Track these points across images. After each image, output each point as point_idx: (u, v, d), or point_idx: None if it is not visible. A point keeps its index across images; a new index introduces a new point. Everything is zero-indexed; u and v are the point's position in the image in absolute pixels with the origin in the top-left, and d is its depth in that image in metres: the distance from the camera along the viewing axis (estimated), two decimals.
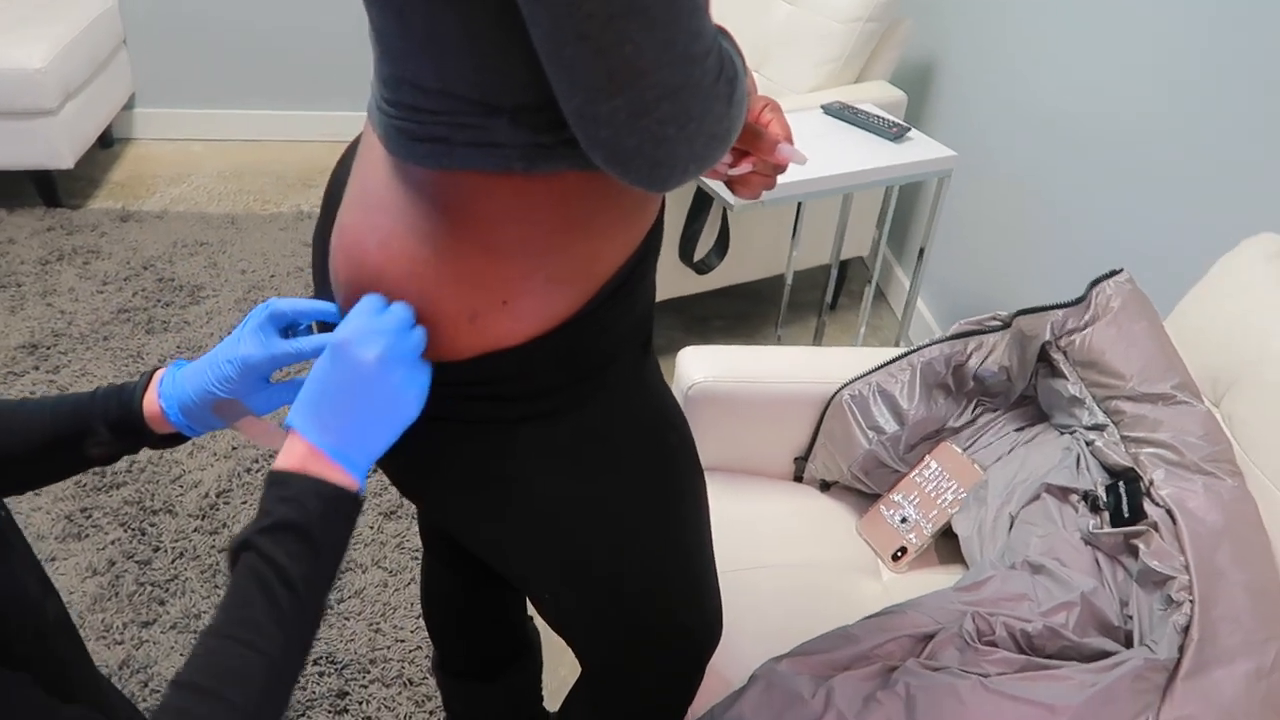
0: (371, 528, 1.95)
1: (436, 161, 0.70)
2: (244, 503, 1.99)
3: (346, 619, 1.77)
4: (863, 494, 1.45)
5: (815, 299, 2.77)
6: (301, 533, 0.65)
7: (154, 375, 0.82)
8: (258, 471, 2.07)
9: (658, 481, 0.91)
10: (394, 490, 2.03)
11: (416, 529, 1.95)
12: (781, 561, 1.32)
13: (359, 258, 0.77)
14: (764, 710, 0.94)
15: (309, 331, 0.84)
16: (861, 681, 0.95)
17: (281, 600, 0.64)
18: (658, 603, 0.98)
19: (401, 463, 0.87)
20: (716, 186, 1.87)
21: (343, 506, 0.69)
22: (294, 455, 0.68)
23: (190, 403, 0.79)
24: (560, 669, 1.62)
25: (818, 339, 2.47)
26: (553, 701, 1.48)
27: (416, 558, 1.89)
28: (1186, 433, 1.09)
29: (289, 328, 0.82)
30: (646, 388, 0.89)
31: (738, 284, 2.50)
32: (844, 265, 2.66)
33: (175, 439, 0.83)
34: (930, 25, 2.51)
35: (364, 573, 1.86)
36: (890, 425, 1.36)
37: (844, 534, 1.40)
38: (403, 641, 1.73)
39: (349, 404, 0.69)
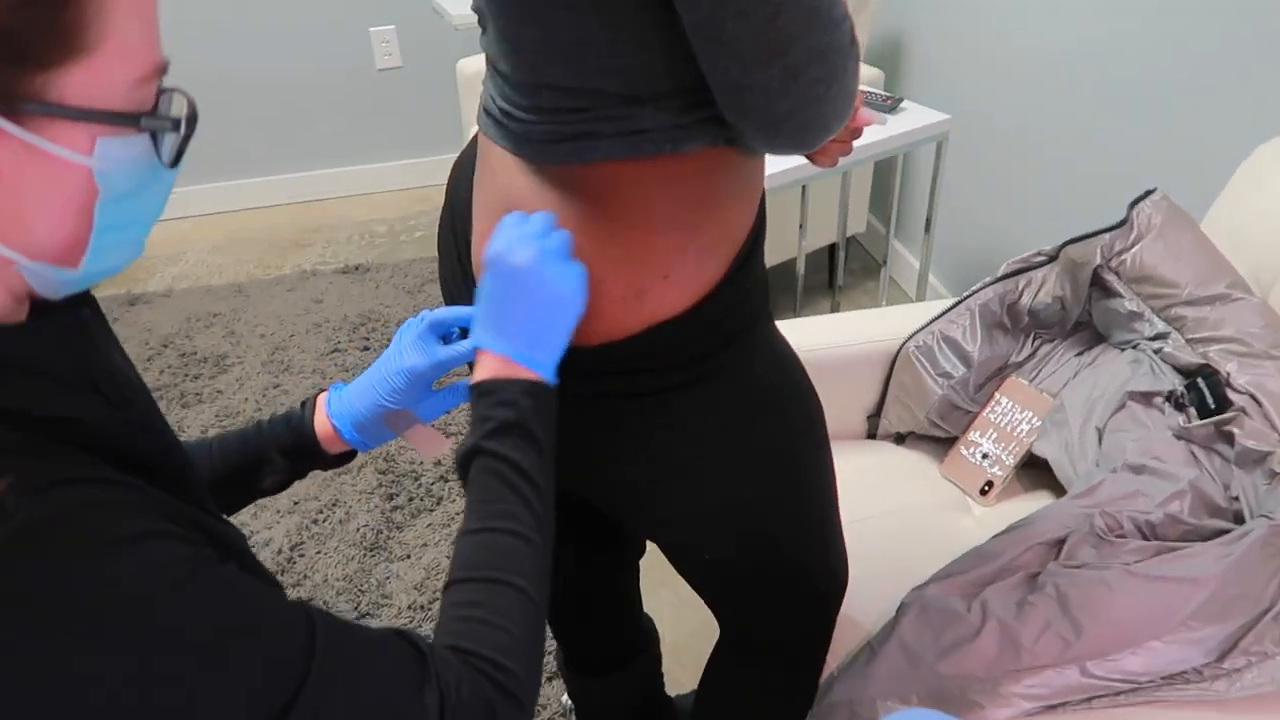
0: (449, 557, 1.98)
1: (582, 156, 0.76)
2: (318, 552, 2.02)
3: None
4: (937, 440, 1.52)
5: (819, 282, 2.86)
6: (523, 430, 0.71)
7: (316, 399, 0.86)
8: (324, 521, 2.10)
9: (801, 430, 0.97)
10: (460, 520, 2.07)
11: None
12: (878, 512, 1.39)
13: None
14: (924, 631, 1.01)
15: (460, 337, 0.89)
16: (1011, 590, 1.02)
17: (524, 490, 0.70)
18: (804, 544, 1.04)
19: (571, 447, 0.93)
20: None
21: (547, 401, 0.74)
22: (488, 368, 0.73)
23: (363, 418, 0.84)
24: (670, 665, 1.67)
25: None
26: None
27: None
28: (1248, 325, 1.18)
29: (444, 336, 0.87)
30: (780, 343, 0.96)
31: None
32: (838, 247, 2.75)
33: (344, 458, 0.87)
34: (892, 1, 2.62)
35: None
36: (958, 369, 1.43)
37: (929, 479, 1.48)
38: None
39: (518, 308, 0.75)
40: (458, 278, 0.91)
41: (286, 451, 0.85)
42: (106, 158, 0.51)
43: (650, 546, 1.31)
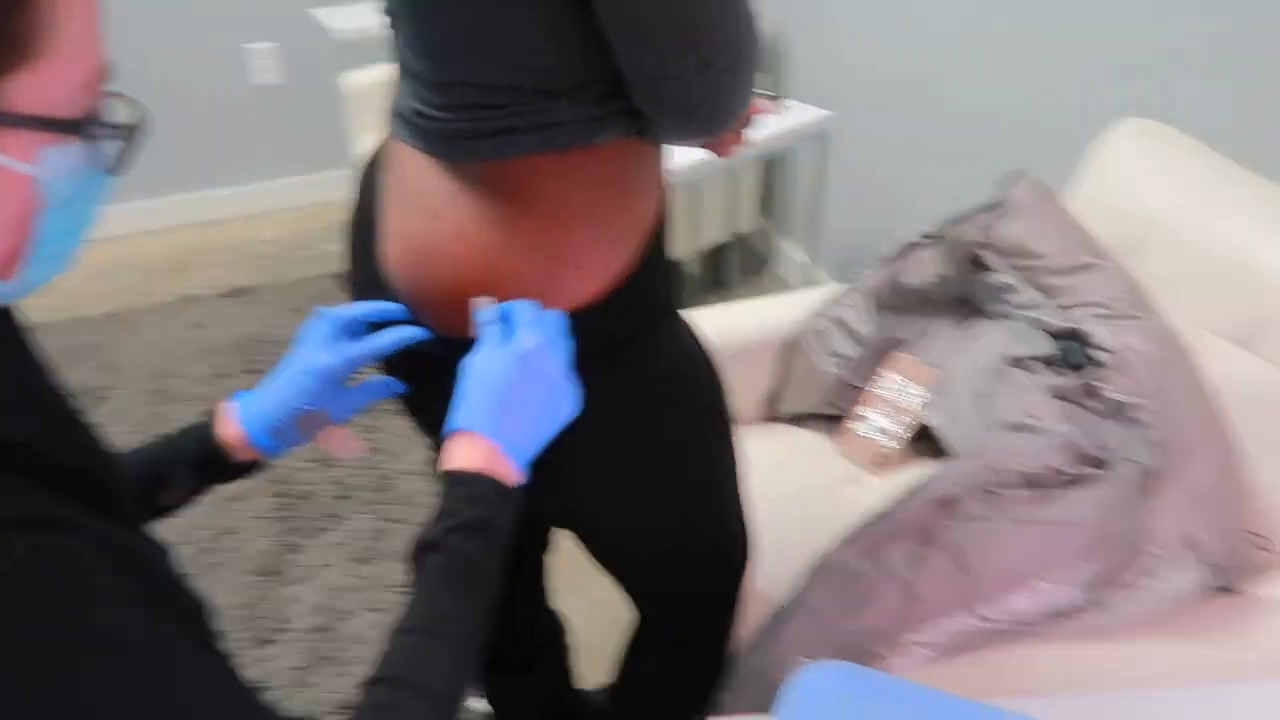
0: (350, 576, 1.94)
1: (502, 151, 0.77)
2: (212, 581, 1.94)
3: (352, 665, 1.76)
4: (833, 419, 1.57)
5: (710, 281, 2.92)
6: (489, 528, 0.69)
7: (217, 409, 0.83)
8: (216, 550, 2.02)
9: (710, 410, 1.00)
10: (364, 535, 2.03)
11: (395, 568, 1.95)
12: (779, 492, 1.42)
13: (432, 256, 0.82)
14: (828, 593, 1.04)
15: (368, 332, 0.86)
16: (908, 546, 1.06)
17: (473, 587, 0.68)
18: (717, 518, 1.06)
19: None
20: None
21: (515, 499, 0.73)
22: (472, 455, 0.71)
23: (276, 423, 0.81)
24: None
25: None
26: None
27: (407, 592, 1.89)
28: (1109, 290, 1.26)
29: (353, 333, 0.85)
30: (689, 330, 0.98)
31: None
32: (727, 246, 2.81)
33: (248, 468, 0.84)
34: (767, 4, 2.69)
35: (355, 618, 1.85)
36: (851, 349, 1.49)
37: (826, 456, 1.52)
38: None
39: (531, 406, 0.74)
40: (368, 280, 0.90)
41: (191, 465, 0.82)
42: (50, 166, 0.50)
43: (565, 543, 1.31)
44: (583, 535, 1.05)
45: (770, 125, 2.09)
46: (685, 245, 2.45)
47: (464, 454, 0.71)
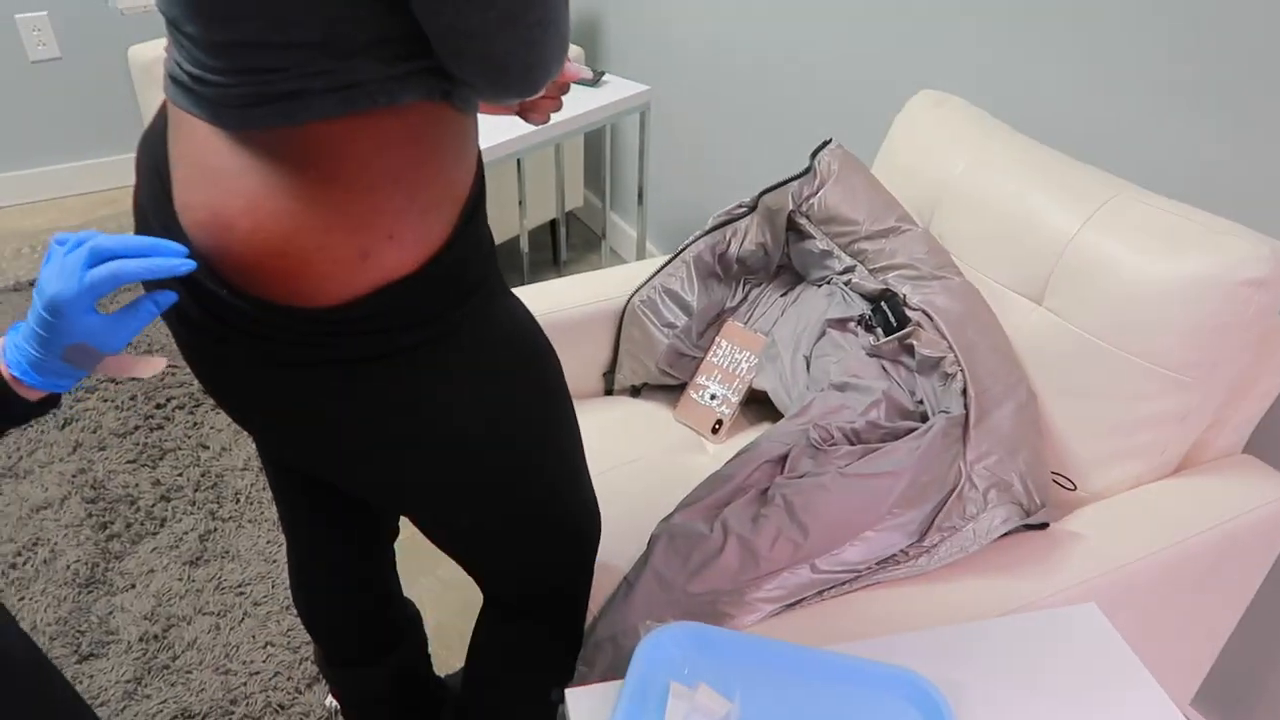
0: (180, 580, 1.85)
1: (291, 118, 0.73)
2: (21, 598, 1.80)
3: (189, 672, 1.68)
4: (670, 389, 1.61)
5: (543, 259, 2.91)
6: None
7: None
8: (24, 564, 1.87)
9: (544, 384, 1.00)
10: (192, 536, 1.93)
11: (229, 567, 1.87)
12: (621, 462, 1.46)
13: (222, 228, 0.77)
14: (673, 557, 1.07)
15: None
16: (746, 507, 1.10)
17: None
18: (557, 499, 1.07)
19: (300, 422, 0.89)
20: None
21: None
22: None
23: (37, 359, 0.75)
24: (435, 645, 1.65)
25: None
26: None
27: (242, 594, 1.82)
28: (916, 253, 1.34)
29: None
30: (512, 303, 0.98)
31: None
32: (558, 223, 2.82)
33: (47, 403, 0.79)
34: None
35: (190, 624, 1.76)
36: (680, 319, 1.53)
37: (665, 425, 1.56)
38: (258, 673, 1.68)
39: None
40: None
41: None
42: None
43: (406, 530, 1.29)
44: (414, 517, 1.04)
45: (590, 100, 2.10)
46: (514, 224, 2.43)
47: None
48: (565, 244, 2.90)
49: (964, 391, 1.18)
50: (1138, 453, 1.20)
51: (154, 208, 0.85)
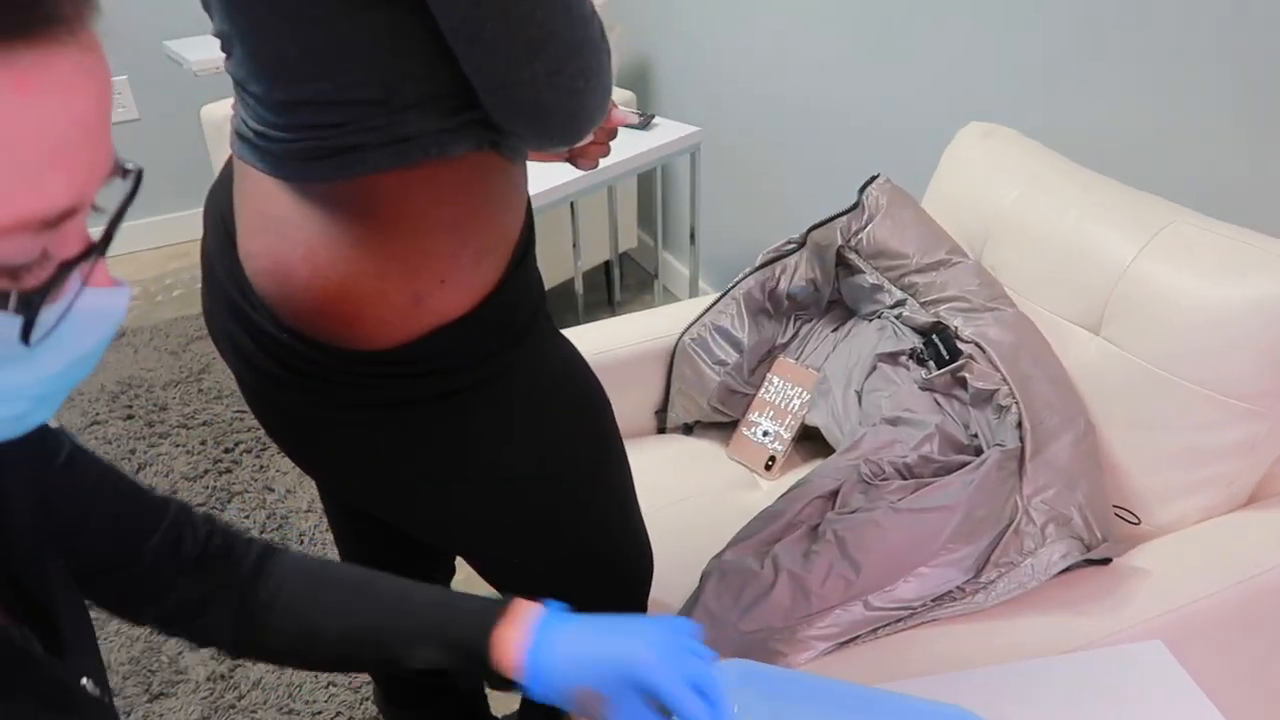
0: None
1: (349, 170, 0.76)
2: (98, 639, 1.85)
3: (254, 711, 1.71)
4: (722, 426, 1.61)
5: (598, 300, 2.94)
6: None
7: (514, 608, 0.70)
8: None
9: (594, 423, 1.01)
10: None
11: None
12: (674, 500, 1.46)
13: (283, 275, 0.81)
14: (725, 594, 1.07)
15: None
16: (797, 543, 1.10)
17: None
18: (608, 538, 1.08)
19: (357, 462, 0.92)
20: None
21: None
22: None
23: (562, 686, 0.67)
24: None
25: None
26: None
27: None
28: (967, 285, 1.33)
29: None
30: (563, 344, 1.00)
31: None
32: (613, 264, 2.85)
33: (503, 682, 0.70)
34: (637, 28, 2.76)
35: (255, 664, 1.80)
36: (731, 356, 1.53)
37: (718, 463, 1.56)
38: (320, 713, 1.70)
39: None
40: (230, 301, 0.88)
41: (437, 644, 0.69)
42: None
43: (464, 570, 1.31)
44: (468, 556, 1.05)
45: (642, 143, 2.13)
46: (569, 266, 2.47)
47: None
48: (620, 284, 2.93)
49: (1019, 424, 1.16)
50: (1204, 485, 1.16)
51: (219, 255, 0.89)
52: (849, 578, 1.05)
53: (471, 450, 0.92)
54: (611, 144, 1.03)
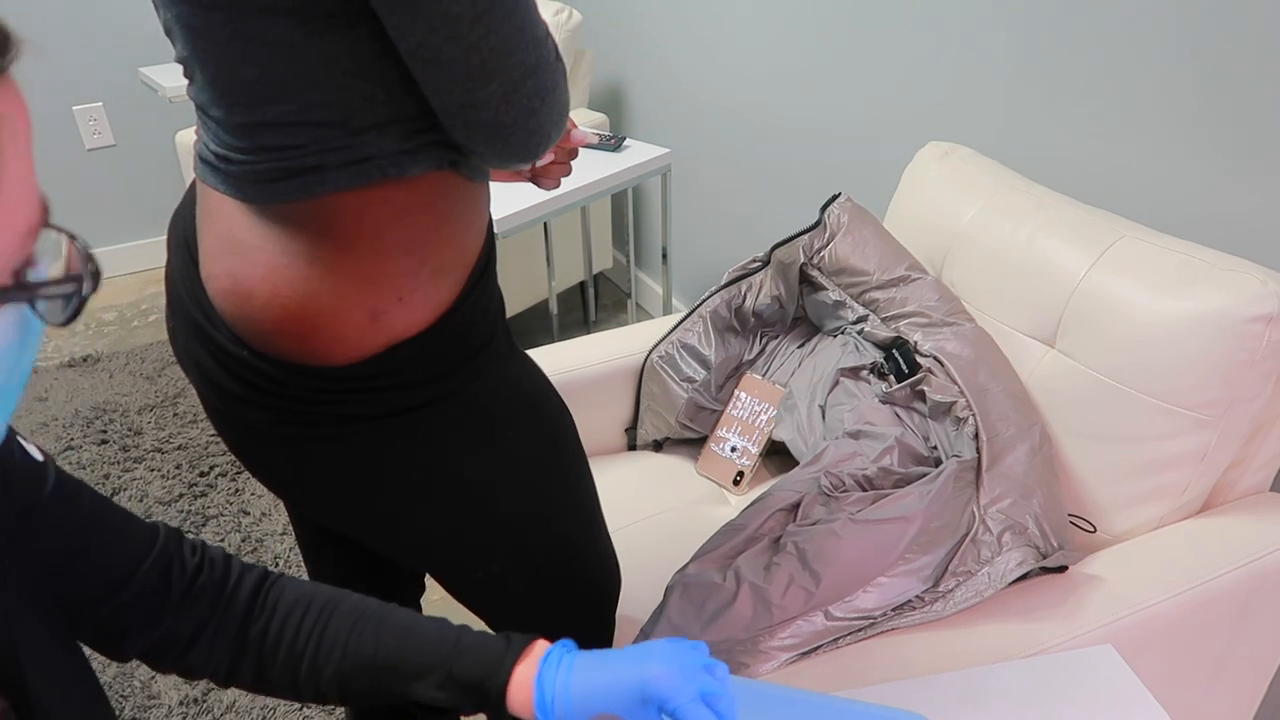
0: None
1: (309, 191, 0.78)
2: None
3: None
4: (691, 442, 1.63)
5: (574, 319, 2.96)
6: None
7: (533, 649, 0.72)
8: None
9: (555, 438, 1.02)
10: None
11: None
12: (644, 516, 1.47)
13: (243, 295, 0.82)
14: (688, 607, 1.08)
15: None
16: (758, 555, 1.11)
17: None
18: (573, 553, 1.09)
19: (319, 479, 0.93)
20: None
21: None
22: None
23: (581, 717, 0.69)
24: None
25: None
26: None
27: None
28: (926, 300, 1.36)
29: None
30: (520, 361, 1.01)
31: None
32: (587, 284, 2.87)
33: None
34: (607, 53, 2.79)
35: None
36: (699, 373, 1.55)
37: (687, 479, 1.57)
38: None
39: None
40: (193, 323, 0.89)
41: (442, 680, 0.70)
42: None
43: (435, 591, 1.32)
44: (433, 572, 1.06)
45: (613, 164, 2.16)
46: (544, 287, 2.48)
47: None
48: (595, 304, 2.95)
49: (976, 435, 1.18)
50: (1158, 494, 1.18)
51: (183, 278, 0.90)
52: (809, 589, 1.06)
53: (434, 465, 0.93)
54: (575, 165, 1.05)
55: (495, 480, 0.97)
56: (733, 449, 1.55)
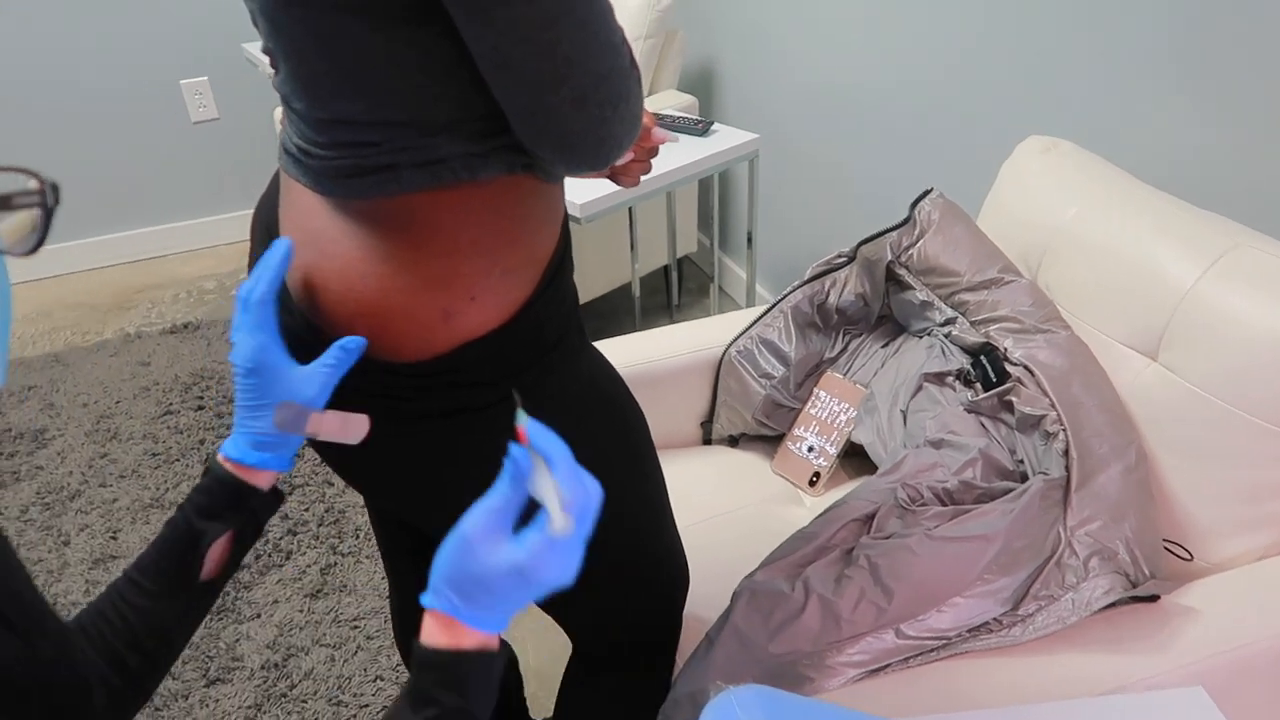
0: (301, 611, 1.94)
1: (384, 189, 0.78)
2: None
3: (305, 701, 1.75)
4: (767, 439, 1.60)
5: (658, 303, 2.94)
6: (464, 714, 0.66)
7: (212, 459, 0.82)
8: None
9: (626, 433, 1.01)
10: (314, 570, 2.03)
11: (346, 601, 1.95)
12: (716, 512, 1.45)
13: (318, 289, 0.83)
14: (754, 615, 1.06)
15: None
16: (829, 566, 1.08)
17: None
18: (642, 550, 1.08)
19: (388, 472, 0.94)
20: None
21: (496, 666, 0.69)
22: (441, 634, 0.67)
23: (252, 433, 0.79)
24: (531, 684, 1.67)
25: None
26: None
27: (356, 627, 1.90)
28: (1019, 304, 1.30)
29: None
30: (593, 358, 1.00)
31: (580, 304, 2.63)
32: (671, 268, 2.84)
33: (277, 496, 0.83)
34: (699, 32, 2.75)
35: (307, 654, 1.85)
36: (777, 369, 1.52)
37: (762, 476, 1.55)
38: (367, 706, 1.74)
39: (523, 596, 0.67)
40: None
41: (207, 512, 0.78)
42: None
43: None
44: None
45: (700, 149, 2.12)
46: (626, 270, 2.47)
47: (433, 631, 0.68)
48: (679, 288, 2.92)
49: (1066, 452, 1.12)
50: (1263, 522, 1.11)
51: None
52: (880, 605, 1.03)
53: (500, 462, 0.93)
54: (661, 146, 1.03)
55: None
56: (810, 449, 1.52)
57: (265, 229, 0.92)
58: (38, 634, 0.51)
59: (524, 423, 0.68)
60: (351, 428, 0.82)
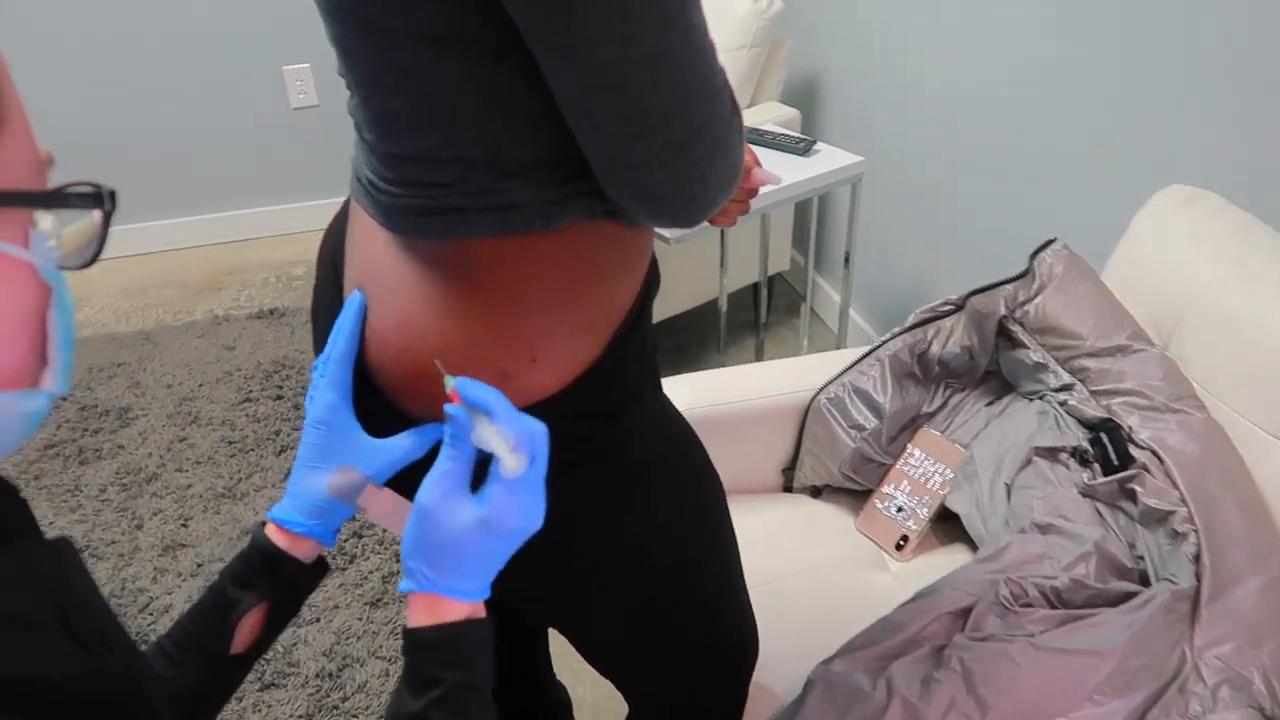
0: (360, 619, 1.91)
1: (451, 232, 0.72)
2: None
3: (355, 715, 1.72)
4: (853, 493, 1.49)
5: (745, 320, 2.84)
6: (461, 689, 0.64)
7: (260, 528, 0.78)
8: None
9: (696, 504, 0.93)
10: (376, 576, 2.00)
11: (404, 613, 1.91)
12: (792, 570, 1.36)
13: (378, 342, 0.78)
14: (829, 710, 0.97)
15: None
16: (916, 665, 0.98)
17: None
18: (709, 620, 1.00)
19: None
20: None
21: (488, 634, 0.68)
22: (426, 614, 0.66)
23: (305, 497, 0.75)
24: None
25: (758, 357, 2.53)
26: None
27: None
28: (1149, 378, 1.17)
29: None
30: (667, 415, 0.92)
31: (666, 318, 2.55)
32: (768, 283, 2.74)
33: (319, 568, 0.78)
34: (807, 43, 2.63)
35: (363, 666, 1.82)
36: (870, 421, 1.41)
37: (844, 533, 1.45)
38: None
39: (492, 559, 0.67)
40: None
41: (243, 580, 0.74)
42: (42, 251, 0.43)
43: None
44: (563, 630, 1.00)
45: (800, 170, 2.02)
46: (713, 285, 2.38)
47: (417, 613, 0.66)
48: (768, 306, 2.82)
49: (1197, 558, 1.00)
50: None
51: (327, 301, 0.87)
52: (973, 717, 0.93)
53: (564, 531, 0.86)
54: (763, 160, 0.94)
55: (628, 550, 0.90)
56: (899, 509, 1.41)
57: (330, 259, 0.88)
58: (105, 649, 0.50)
59: (451, 384, 0.66)
60: (399, 515, 0.76)
